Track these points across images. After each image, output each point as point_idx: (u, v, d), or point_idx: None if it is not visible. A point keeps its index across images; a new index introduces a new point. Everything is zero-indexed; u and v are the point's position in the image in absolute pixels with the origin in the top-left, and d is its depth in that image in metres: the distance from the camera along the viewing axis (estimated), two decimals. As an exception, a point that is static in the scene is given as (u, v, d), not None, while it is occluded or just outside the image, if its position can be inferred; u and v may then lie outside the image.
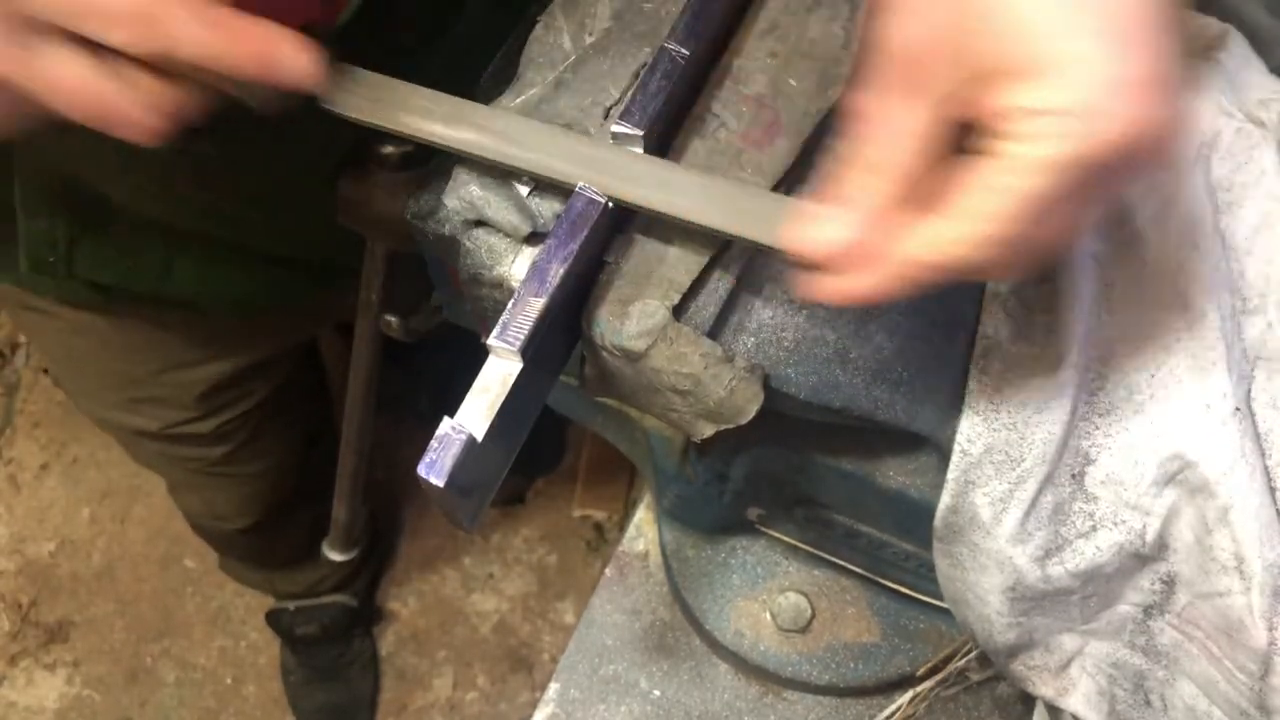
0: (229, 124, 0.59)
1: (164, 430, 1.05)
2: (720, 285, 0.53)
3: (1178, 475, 0.55)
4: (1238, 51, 0.62)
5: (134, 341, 0.95)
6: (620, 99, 0.55)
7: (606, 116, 0.55)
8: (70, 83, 0.41)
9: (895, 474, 0.65)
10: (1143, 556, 0.57)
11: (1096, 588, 0.59)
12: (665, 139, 0.54)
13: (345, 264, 0.83)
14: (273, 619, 1.61)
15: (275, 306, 0.93)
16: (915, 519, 0.64)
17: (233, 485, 1.22)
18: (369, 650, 1.69)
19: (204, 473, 1.16)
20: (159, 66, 0.42)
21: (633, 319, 0.51)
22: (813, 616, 0.88)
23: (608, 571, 0.95)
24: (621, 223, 0.53)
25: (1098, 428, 0.56)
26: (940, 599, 0.66)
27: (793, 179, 0.55)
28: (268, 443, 1.16)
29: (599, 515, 1.76)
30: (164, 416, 1.04)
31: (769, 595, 0.89)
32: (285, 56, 0.43)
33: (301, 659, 1.64)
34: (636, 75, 0.56)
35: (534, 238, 0.52)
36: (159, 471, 1.26)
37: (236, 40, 0.41)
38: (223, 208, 0.76)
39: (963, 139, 0.40)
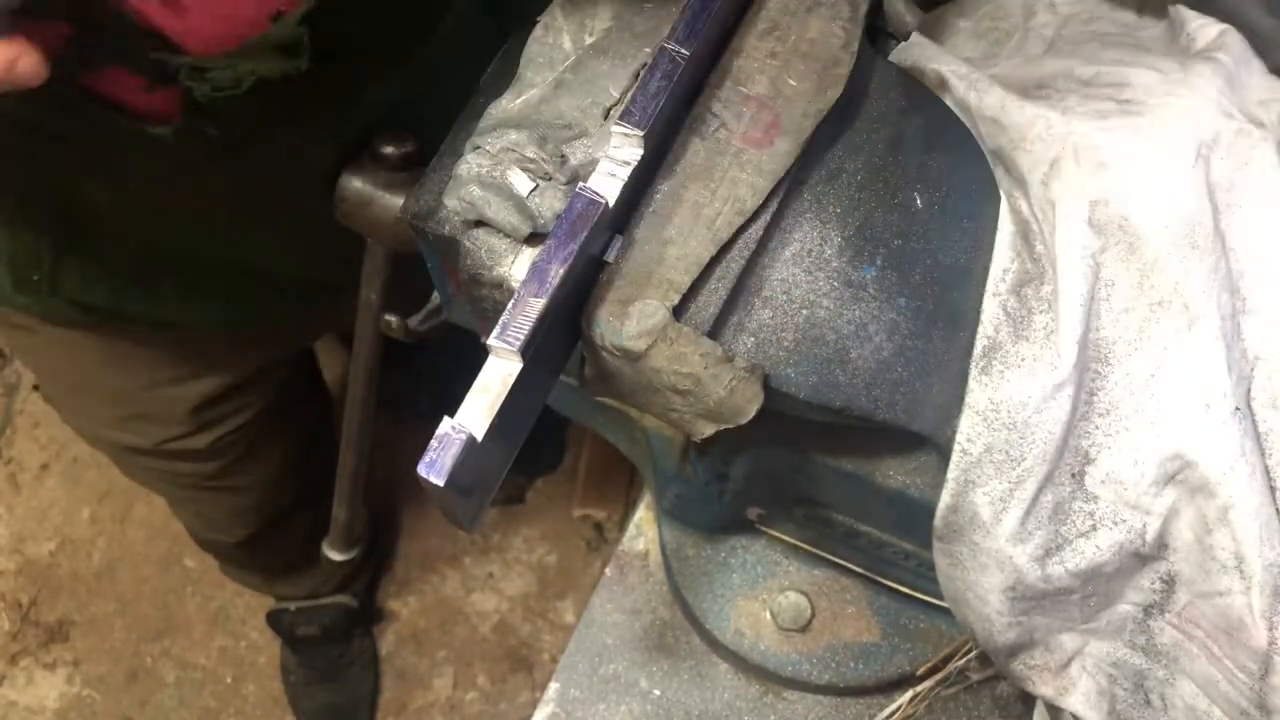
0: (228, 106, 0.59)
1: (157, 447, 1.03)
2: (720, 285, 0.53)
3: (1178, 475, 0.55)
4: (1238, 51, 0.62)
5: (122, 358, 0.93)
6: (620, 99, 0.55)
7: (606, 116, 0.55)
8: None
9: (895, 474, 0.65)
10: (1143, 556, 0.57)
11: (1096, 587, 0.59)
12: (665, 139, 0.54)
13: (340, 281, 0.83)
14: (273, 620, 1.61)
15: (270, 323, 0.91)
16: (915, 518, 0.64)
17: (228, 498, 1.19)
18: (369, 650, 1.69)
19: (197, 487, 1.13)
20: None
21: (633, 319, 0.51)
22: (813, 616, 0.88)
23: (608, 571, 0.95)
24: (621, 223, 0.53)
25: (1098, 427, 0.56)
26: (940, 598, 0.66)
27: (793, 179, 0.55)
28: (264, 455, 1.13)
29: (599, 515, 1.75)
30: (156, 433, 1.02)
31: (769, 595, 0.89)
32: (7, 67, 0.44)
33: (302, 659, 1.64)
34: (636, 75, 0.56)
35: (534, 238, 0.52)
36: (152, 488, 1.23)
37: None
38: (214, 218, 0.75)
39: None
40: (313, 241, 0.76)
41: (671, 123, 0.54)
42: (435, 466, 0.44)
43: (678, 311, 0.51)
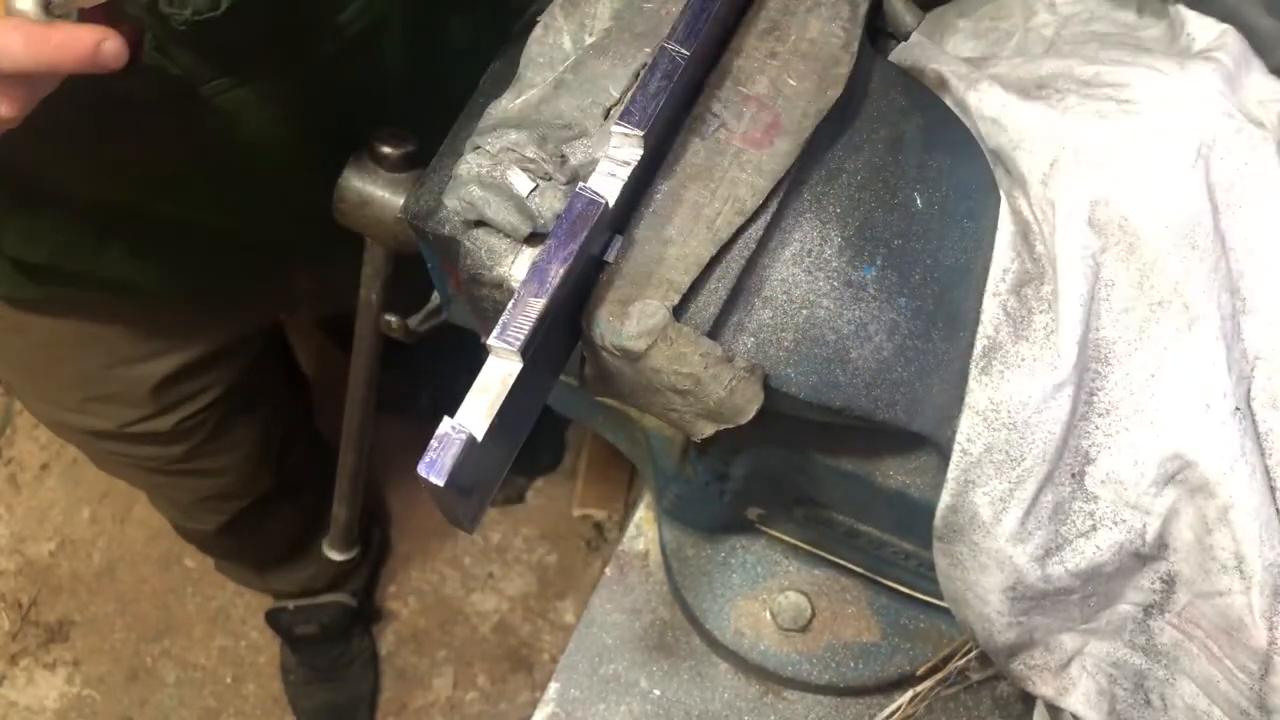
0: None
1: (120, 429, 1.02)
2: (720, 285, 0.53)
3: (1178, 475, 0.55)
4: (1237, 51, 0.62)
5: (78, 338, 0.91)
6: (620, 99, 0.55)
7: (606, 116, 0.55)
8: None
9: (895, 474, 0.65)
10: (1143, 556, 0.57)
11: (1096, 587, 0.59)
12: (665, 139, 0.54)
13: (296, 243, 0.81)
14: (272, 618, 1.61)
15: (221, 291, 0.90)
16: (915, 518, 0.64)
17: (196, 483, 1.17)
18: (369, 649, 1.68)
19: (164, 472, 1.12)
20: None
21: (633, 319, 0.51)
22: (813, 616, 0.88)
23: (608, 571, 0.95)
24: (621, 223, 0.53)
25: (1098, 427, 0.56)
26: (940, 598, 0.66)
27: (793, 179, 0.55)
28: (232, 439, 1.12)
29: (599, 515, 1.75)
30: (118, 415, 1.00)
31: (769, 594, 0.89)
32: (93, 49, 0.45)
33: (301, 658, 1.64)
34: (636, 75, 0.56)
35: (534, 238, 0.52)
36: (120, 475, 1.22)
37: (45, 47, 0.44)
38: (163, 172, 0.73)
39: None
40: (261, 198, 0.75)
41: (671, 123, 0.54)
42: (435, 466, 0.44)
43: (678, 311, 0.51)
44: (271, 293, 0.99)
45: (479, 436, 0.45)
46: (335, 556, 1.03)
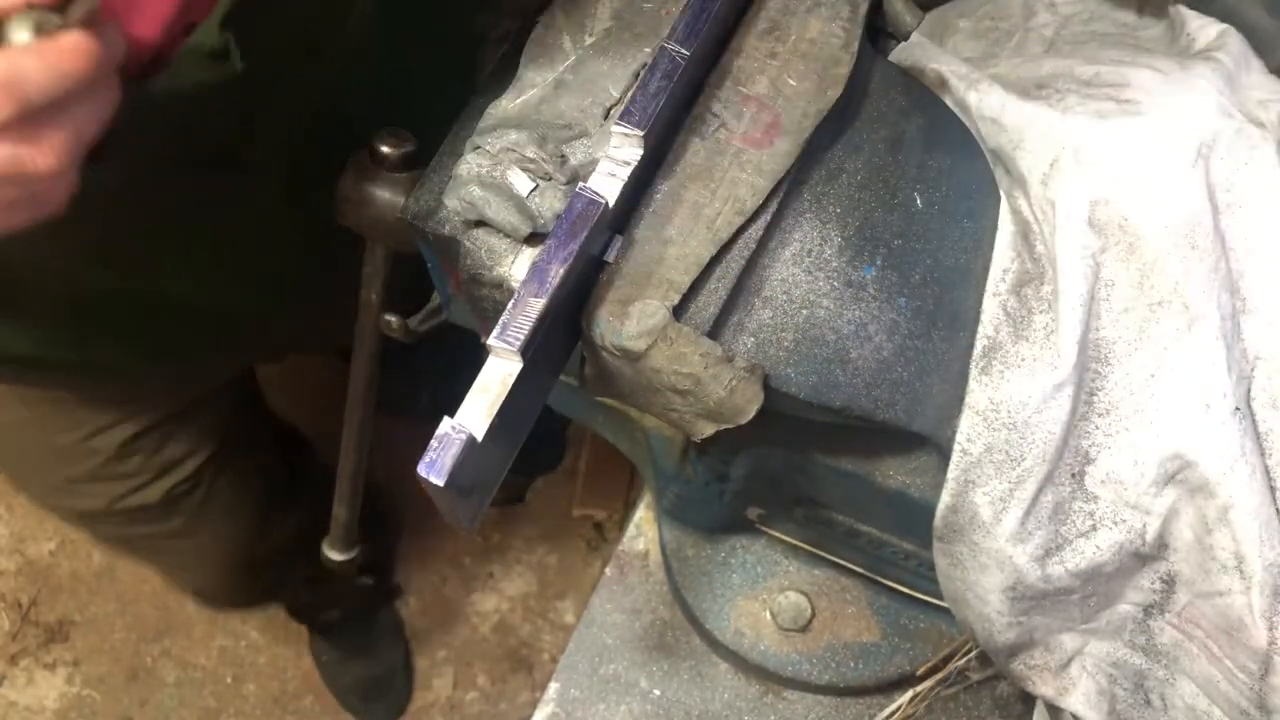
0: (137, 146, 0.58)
1: (111, 507, 0.99)
2: (720, 285, 0.53)
3: (1178, 475, 0.55)
4: (1237, 51, 0.62)
5: (47, 414, 0.89)
6: (620, 99, 0.55)
7: (606, 116, 0.55)
8: None
9: (895, 474, 0.65)
10: (1143, 556, 0.57)
11: (1096, 587, 0.59)
12: (665, 139, 0.54)
13: (271, 311, 0.80)
14: (294, 611, 1.61)
15: (199, 358, 0.88)
16: (915, 518, 0.64)
17: (203, 563, 1.16)
18: (394, 621, 1.69)
19: (170, 551, 1.10)
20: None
21: (633, 319, 0.51)
22: (813, 616, 0.88)
23: (608, 571, 0.95)
24: (621, 223, 0.53)
25: (1098, 427, 0.56)
26: (940, 598, 0.66)
27: (793, 179, 0.55)
28: (225, 506, 1.09)
29: (599, 515, 1.75)
30: (105, 491, 0.98)
31: (769, 594, 0.89)
32: (101, 41, 0.44)
33: (331, 641, 1.65)
34: (636, 75, 0.56)
35: (534, 238, 0.52)
36: (132, 557, 1.18)
37: (62, 57, 0.42)
38: (141, 254, 0.72)
39: None
40: (237, 269, 0.75)
41: (671, 123, 0.54)
42: (435, 466, 0.44)
43: (678, 311, 0.51)
44: (246, 352, 0.98)
45: (479, 436, 0.45)
46: (335, 556, 1.03)
